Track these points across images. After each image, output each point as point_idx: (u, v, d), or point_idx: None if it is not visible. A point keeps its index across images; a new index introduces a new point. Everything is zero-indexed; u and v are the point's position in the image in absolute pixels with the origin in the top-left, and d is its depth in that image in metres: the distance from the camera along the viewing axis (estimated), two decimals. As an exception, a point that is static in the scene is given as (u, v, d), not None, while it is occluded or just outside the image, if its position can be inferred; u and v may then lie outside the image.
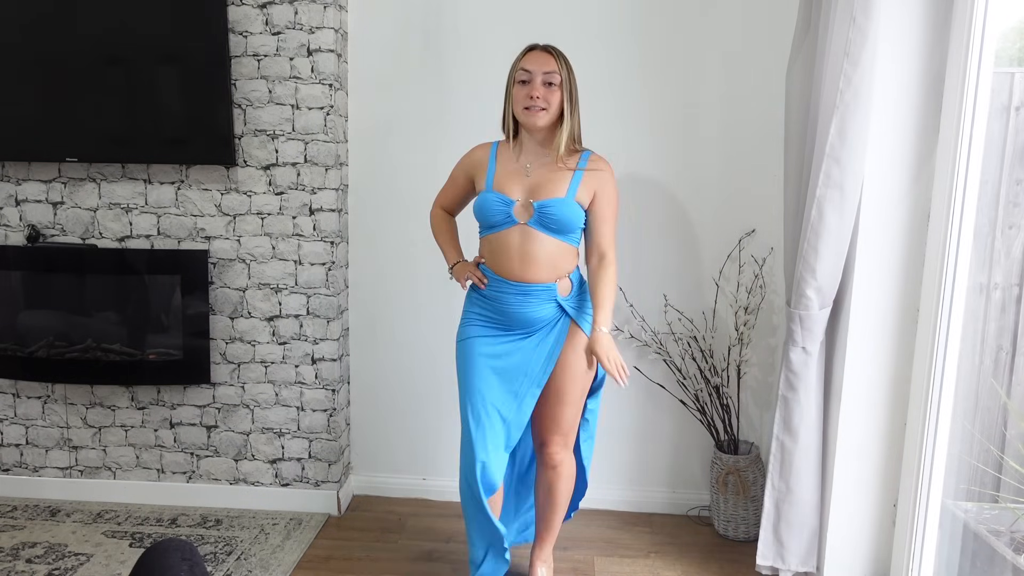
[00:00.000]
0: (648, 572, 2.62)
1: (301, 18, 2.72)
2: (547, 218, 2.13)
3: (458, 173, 2.33)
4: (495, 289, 2.21)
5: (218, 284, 2.88)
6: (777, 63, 2.66)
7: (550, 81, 2.12)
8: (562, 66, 2.14)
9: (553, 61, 2.13)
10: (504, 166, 2.21)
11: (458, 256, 2.37)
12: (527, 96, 2.12)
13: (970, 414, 2.31)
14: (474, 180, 2.28)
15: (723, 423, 2.85)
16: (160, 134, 2.77)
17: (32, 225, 2.88)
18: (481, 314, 2.25)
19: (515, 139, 2.22)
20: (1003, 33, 2.11)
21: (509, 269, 2.18)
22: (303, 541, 2.75)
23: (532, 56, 2.15)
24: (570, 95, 2.15)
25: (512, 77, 2.17)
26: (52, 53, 2.70)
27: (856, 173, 2.20)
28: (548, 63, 2.13)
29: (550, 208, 2.13)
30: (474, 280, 2.26)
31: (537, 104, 2.11)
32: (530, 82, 2.12)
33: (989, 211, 2.20)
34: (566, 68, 2.15)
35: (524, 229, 2.15)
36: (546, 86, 2.12)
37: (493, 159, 2.24)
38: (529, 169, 2.18)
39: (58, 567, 2.54)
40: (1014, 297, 2.25)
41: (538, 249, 2.15)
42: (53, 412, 3.00)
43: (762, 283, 2.84)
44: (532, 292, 2.18)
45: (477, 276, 2.26)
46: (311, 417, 2.94)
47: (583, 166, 2.18)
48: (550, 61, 2.13)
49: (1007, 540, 2.27)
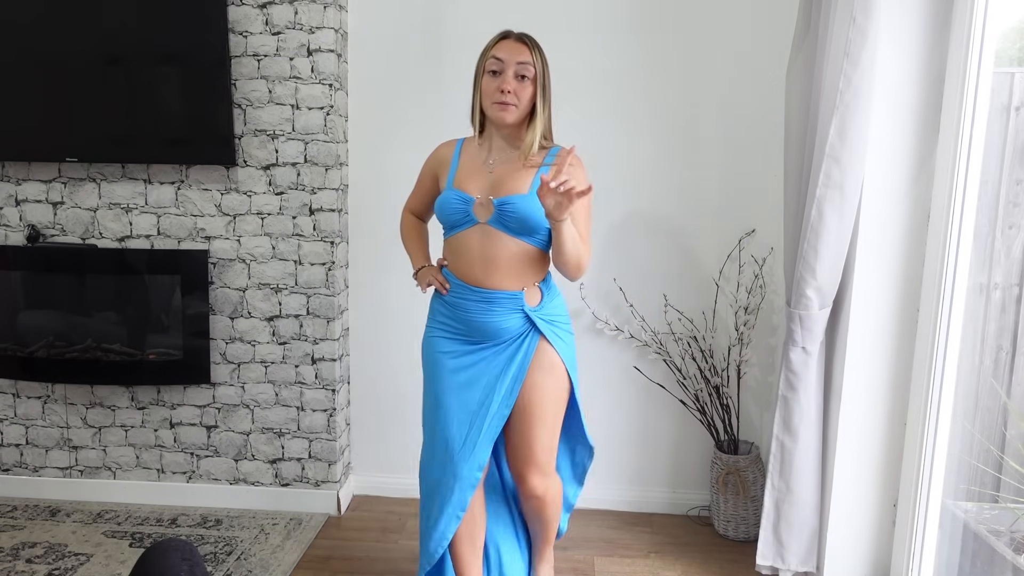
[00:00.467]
0: (648, 572, 2.62)
1: (301, 18, 2.72)
2: (507, 216, 1.94)
3: (424, 173, 2.18)
4: (457, 295, 2.04)
5: (218, 284, 2.88)
6: (777, 63, 2.66)
7: (523, 74, 1.94)
8: (536, 58, 1.96)
9: (527, 52, 1.95)
10: (467, 162, 2.04)
11: (424, 260, 2.18)
12: (497, 89, 1.93)
13: (970, 414, 2.30)
14: (439, 179, 2.11)
15: (723, 423, 2.85)
16: (160, 134, 2.77)
17: (32, 225, 2.88)
18: (444, 323, 2.08)
19: (482, 133, 2.06)
20: (1003, 33, 2.11)
21: (470, 273, 2.00)
22: (303, 541, 2.75)
23: (505, 45, 1.96)
24: (543, 90, 1.97)
25: (481, 66, 1.98)
26: (52, 53, 2.70)
27: (856, 173, 2.20)
28: (522, 53, 1.95)
29: (510, 205, 1.93)
30: (435, 284, 2.09)
31: (508, 99, 1.93)
32: (501, 73, 1.94)
33: (989, 211, 2.20)
34: (540, 60, 1.97)
35: (484, 229, 1.97)
36: (518, 79, 1.94)
37: (457, 156, 2.07)
38: (493, 165, 2.01)
39: (58, 567, 2.54)
40: (1014, 297, 2.25)
41: (500, 251, 1.96)
42: (53, 412, 3.00)
43: (762, 283, 2.84)
44: (496, 300, 1.98)
45: (439, 280, 2.09)
46: (311, 417, 2.94)
47: (549, 162, 1.98)
48: (524, 51, 1.95)
49: (1007, 540, 2.27)
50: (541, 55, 1.98)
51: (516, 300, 1.99)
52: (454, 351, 2.05)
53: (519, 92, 1.94)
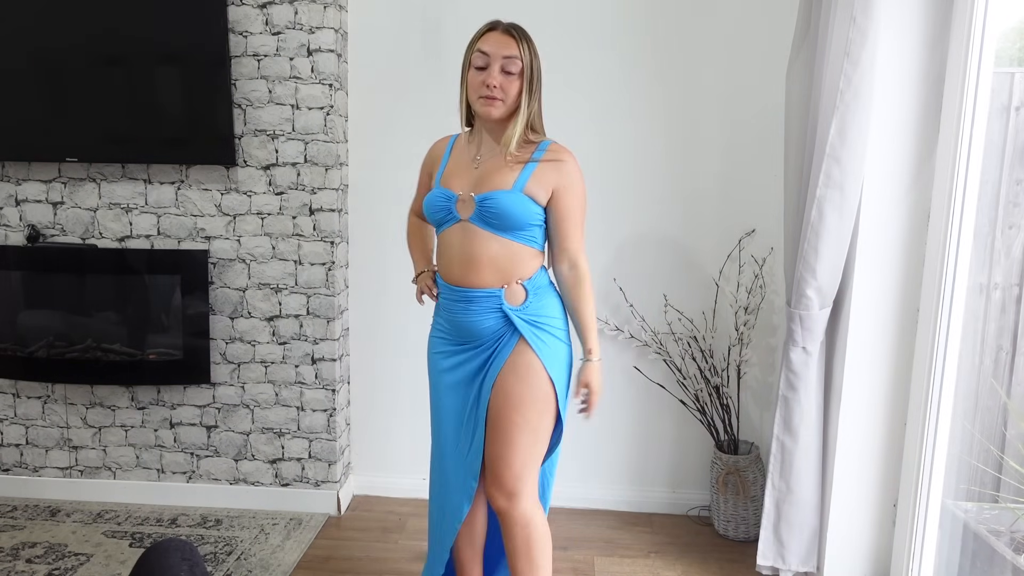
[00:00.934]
0: (648, 572, 2.62)
1: (301, 18, 2.72)
2: (488, 212, 1.86)
3: (422, 172, 2.12)
4: (444, 296, 1.98)
5: (218, 284, 2.88)
6: (777, 63, 2.66)
7: (509, 69, 1.85)
8: (524, 51, 1.86)
9: (515, 44, 1.85)
10: (456, 159, 1.98)
11: (424, 265, 2.13)
12: (482, 84, 1.85)
13: (970, 414, 2.31)
14: (431, 176, 2.05)
15: (723, 423, 2.85)
16: (160, 134, 2.77)
17: (32, 225, 2.88)
18: (439, 324, 2.03)
19: (472, 129, 1.99)
20: (1003, 33, 2.11)
21: (452, 272, 1.93)
22: (303, 541, 2.75)
23: (491, 37, 1.87)
24: (530, 84, 1.87)
25: (468, 59, 1.90)
26: (52, 53, 2.70)
27: (856, 173, 2.20)
28: (509, 46, 1.85)
29: (491, 201, 1.85)
30: (426, 291, 2.07)
31: (494, 94, 1.85)
32: (487, 68, 1.85)
33: (989, 211, 2.21)
34: (529, 53, 1.87)
35: (465, 226, 1.89)
36: (505, 74, 1.85)
37: (448, 152, 2.02)
38: (480, 161, 1.93)
39: (58, 567, 2.54)
40: (1014, 297, 2.25)
41: (480, 249, 1.88)
42: (53, 412, 3.00)
43: (762, 283, 2.84)
44: (475, 298, 1.90)
45: (427, 286, 2.06)
46: (311, 417, 2.94)
47: (539, 157, 1.90)
48: (511, 44, 1.85)
49: (1007, 540, 2.27)
50: (530, 47, 1.89)
51: (494, 298, 1.89)
52: (445, 351, 2.00)
53: (505, 86, 1.85)
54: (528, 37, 1.90)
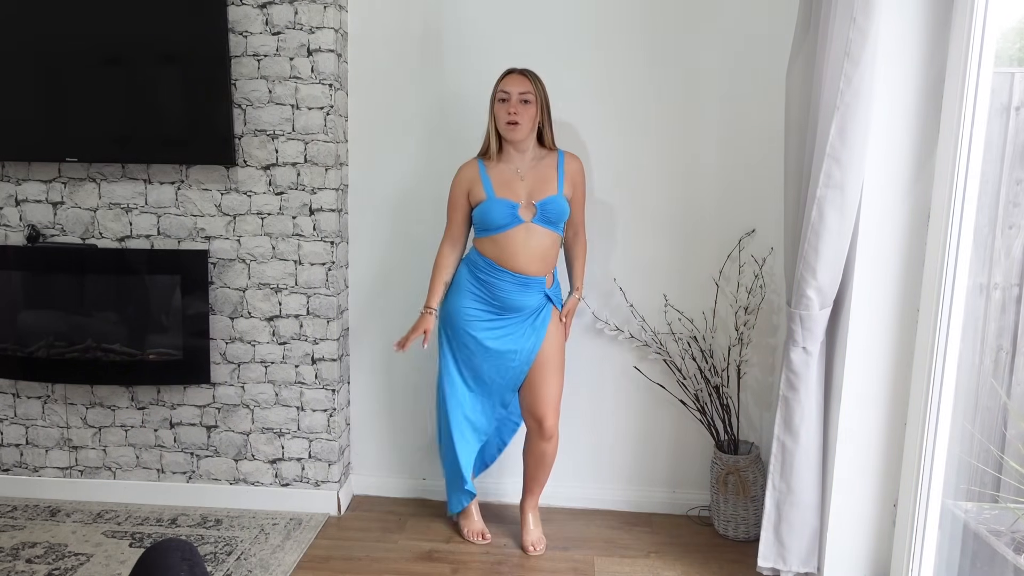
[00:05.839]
0: (648, 572, 2.62)
1: (301, 18, 2.72)
2: (549, 213, 2.51)
3: (457, 195, 2.58)
4: (495, 277, 2.53)
5: (218, 284, 2.88)
6: (777, 63, 2.66)
7: (525, 99, 2.47)
8: (535, 86, 2.50)
9: (528, 83, 2.49)
10: (498, 176, 2.53)
11: (435, 304, 2.62)
12: (507, 112, 2.47)
13: (970, 414, 2.31)
14: (470, 195, 2.55)
15: (723, 423, 2.85)
16: (160, 134, 2.77)
17: (32, 225, 2.88)
18: (475, 294, 2.57)
19: (500, 152, 2.55)
20: (1003, 33, 2.11)
21: (516, 263, 2.51)
22: (303, 541, 2.75)
23: (510, 79, 2.50)
24: (541, 109, 2.52)
25: (494, 97, 2.51)
26: (52, 53, 2.71)
27: (856, 173, 2.20)
28: (524, 84, 2.48)
29: (550, 205, 2.51)
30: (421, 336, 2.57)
31: (516, 119, 2.46)
32: (508, 100, 2.47)
33: (989, 211, 2.21)
34: (540, 87, 2.51)
35: (529, 226, 2.51)
36: (522, 103, 2.47)
37: (483, 172, 2.54)
38: (522, 174, 2.53)
39: (58, 567, 2.54)
40: (1014, 297, 2.25)
41: (537, 243, 2.52)
42: (53, 412, 3.00)
43: (762, 283, 2.84)
44: (531, 283, 2.54)
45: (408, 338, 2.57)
46: (311, 417, 2.94)
47: (562, 165, 2.57)
48: (525, 83, 2.49)
49: (1007, 540, 2.27)
50: (539, 83, 2.52)
51: (542, 283, 2.57)
52: (485, 318, 2.57)
53: (523, 113, 2.48)
54: (538, 77, 2.52)
